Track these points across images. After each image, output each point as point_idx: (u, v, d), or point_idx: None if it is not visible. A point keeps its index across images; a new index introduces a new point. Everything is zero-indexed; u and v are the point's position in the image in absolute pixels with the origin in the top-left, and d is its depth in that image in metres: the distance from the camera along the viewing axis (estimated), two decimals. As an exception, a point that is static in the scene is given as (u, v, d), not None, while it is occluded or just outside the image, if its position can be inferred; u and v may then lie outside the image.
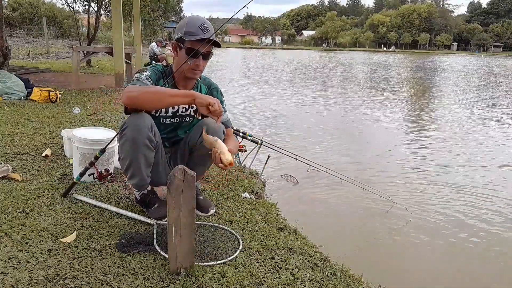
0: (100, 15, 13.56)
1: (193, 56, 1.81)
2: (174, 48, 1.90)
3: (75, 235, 1.80)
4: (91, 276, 1.52)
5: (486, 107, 9.60)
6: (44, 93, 5.30)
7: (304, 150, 4.90)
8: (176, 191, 1.44)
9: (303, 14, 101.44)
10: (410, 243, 2.80)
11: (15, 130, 3.65)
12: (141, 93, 1.66)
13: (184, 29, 1.82)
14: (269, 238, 1.99)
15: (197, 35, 1.79)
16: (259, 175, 3.08)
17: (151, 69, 1.89)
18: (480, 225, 3.09)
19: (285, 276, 1.66)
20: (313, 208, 3.27)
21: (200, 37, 1.79)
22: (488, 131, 6.74)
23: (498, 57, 59.60)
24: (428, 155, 5.13)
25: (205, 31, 1.81)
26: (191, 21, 1.83)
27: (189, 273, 1.56)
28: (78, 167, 2.43)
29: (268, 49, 57.70)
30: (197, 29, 1.80)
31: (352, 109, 8.78)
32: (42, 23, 19.43)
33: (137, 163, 1.85)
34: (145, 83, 1.78)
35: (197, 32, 1.80)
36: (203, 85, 2.07)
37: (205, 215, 2.16)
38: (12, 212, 1.98)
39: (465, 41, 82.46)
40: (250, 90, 11.33)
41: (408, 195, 3.63)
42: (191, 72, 1.87)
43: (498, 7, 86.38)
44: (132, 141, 1.78)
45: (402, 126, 7.10)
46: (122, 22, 7.50)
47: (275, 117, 7.21)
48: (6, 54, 7.88)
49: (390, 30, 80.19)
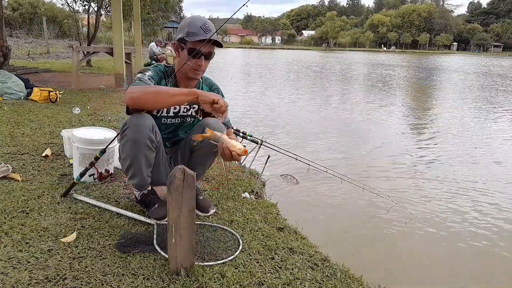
0: (100, 15, 13.56)
1: (195, 56, 1.81)
2: (176, 49, 1.90)
3: (75, 235, 1.80)
4: (91, 276, 1.52)
5: (484, 105, 9.60)
6: (44, 93, 5.30)
7: (304, 150, 4.90)
8: (176, 191, 1.44)
9: (303, 14, 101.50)
10: (410, 243, 2.80)
11: (15, 130, 3.65)
12: (143, 94, 1.66)
13: (186, 29, 1.82)
14: (269, 238, 1.99)
15: (199, 36, 1.80)
16: (259, 175, 3.08)
17: (153, 69, 1.88)
18: (481, 225, 3.09)
19: (285, 276, 1.66)
20: (313, 208, 3.27)
21: (202, 38, 1.79)
22: (489, 129, 6.74)
23: (498, 57, 59.58)
24: (428, 154, 5.13)
25: (207, 31, 1.81)
26: (193, 22, 1.83)
27: (189, 273, 1.56)
28: (78, 167, 2.43)
29: (268, 49, 57.69)
30: (199, 30, 1.81)
31: (352, 108, 8.77)
32: (42, 23, 19.44)
33: (138, 163, 1.85)
34: (147, 84, 1.77)
35: (199, 33, 1.80)
36: (204, 85, 2.07)
37: (205, 215, 2.16)
38: (12, 212, 1.99)
39: (465, 41, 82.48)
40: (250, 90, 11.33)
41: (408, 195, 3.63)
42: (193, 72, 1.87)
43: (498, 7, 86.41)
44: (133, 141, 1.78)
45: (402, 126, 7.10)
46: (122, 22, 7.50)
47: (275, 117, 7.21)
48: (6, 54, 7.88)
49: (390, 30, 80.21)
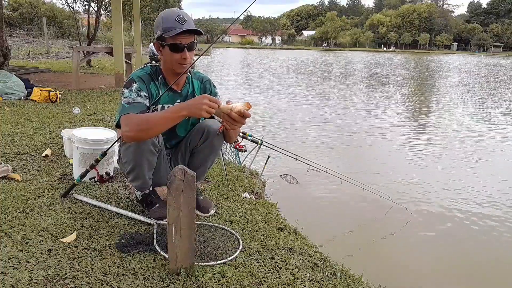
0: (100, 15, 13.56)
1: (178, 50, 1.77)
2: (157, 48, 1.86)
3: (75, 235, 1.80)
4: (91, 276, 1.52)
5: (482, 104, 9.60)
6: (44, 93, 5.30)
7: (304, 150, 4.90)
8: (176, 191, 1.44)
9: (303, 14, 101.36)
10: (410, 243, 2.80)
11: (15, 130, 3.65)
12: (138, 132, 1.66)
13: (162, 26, 1.77)
14: (269, 238, 1.99)
15: (176, 29, 1.74)
16: (259, 175, 3.08)
17: (138, 78, 1.82)
18: (482, 224, 3.09)
19: (285, 276, 1.66)
20: (313, 208, 3.27)
21: (180, 30, 1.74)
22: (489, 129, 6.74)
23: (498, 57, 59.58)
24: (428, 154, 5.13)
25: (183, 22, 1.76)
26: (166, 16, 1.78)
27: (189, 273, 1.56)
28: (78, 167, 2.43)
29: (268, 49, 57.68)
30: (174, 23, 1.75)
31: (352, 108, 8.77)
32: (42, 23, 19.40)
33: (141, 167, 1.86)
34: (138, 105, 1.73)
35: (175, 26, 1.75)
36: (195, 80, 2.03)
37: (205, 215, 2.16)
38: (12, 212, 1.98)
39: (465, 41, 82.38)
40: (250, 90, 11.33)
41: (408, 195, 3.63)
42: (180, 67, 1.83)
43: (498, 7, 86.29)
44: (136, 146, 1.78)
45: (402, 125, 7.10)
46: (122, 22, 7.50)
47: (275, 117, 7.21)
48: (6, 54, 7.89)
49: (390, 30, 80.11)
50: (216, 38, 2.47)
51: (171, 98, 1.93)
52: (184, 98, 1.96)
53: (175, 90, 1.94)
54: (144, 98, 1.78)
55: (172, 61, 1.81)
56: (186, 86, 1.98)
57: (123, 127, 1.68)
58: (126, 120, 1.68)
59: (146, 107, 1.78)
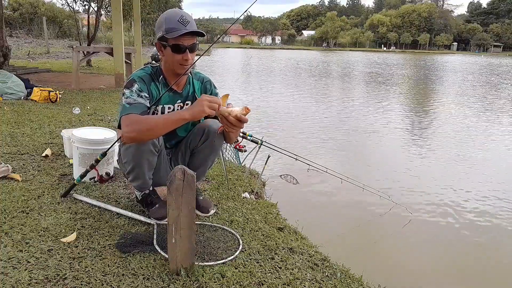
0: (100, 15, 13.55)
1: (179, 51, 1.77)
2: (159, 49, 1.85)
3: (75, 235, 1.80)
4: (91, 276, 1.52)
5: (481, 103, 9.60)
6: (44, 93, 5.30)
7: (304, 150, 4.90)
8: (176, 191, 1.44)
9: (303, 14, 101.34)
10: (410, 243, 2.80)
11: (15, 130, 3.65)
12: (139, 133, 1.66)
13: (164, 26, 1.77)
14: (269, 238, 1.99)
15: (179, 30, 1.74)
16: (259, 175, 3.08)
17: (139, 78, 1.82)
18: (482, 224, 3.09)
19: (285, 276, 1.66)
20: (313, 208, 3.27)
21: (183, 31, 1.74)
22: (490, 129, 6.74)
23: (498, 57, 59.58)
24: (429, 155, 5.13)
25: (186, 23, 1.75)
26: (169, 17, 1.78)
27: (189, 273, 1.56)
28: (78, 167, 2.43)
29: (268, 49, 57.68)
30: (177, 24, 1.75)
31: (352, 108, 8.77)
32: (42, 23, 19.40)
33: (141, 167, 1.86)
34: (139, 105, 1.73)
35: (178, 27, 1.74)
36: (196, 80, 2.03)
37: (205, 215, 2.16)
38: (12, 212, 1.98)
39: (465, 41, 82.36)
40: (250, 90, 11.33)
41: (408, 195, 3.63)
42: (180, 68, 1.83)
43: (498, 7, 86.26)
44: (137, 146, 1.78)
45: (402, 125, 7.10)
46: (122, 22, 7.50)
47: (275, 117, 7.21)
48: (6, 54, 7.89)
49: (390, 30, 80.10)
50: (217, 38, 2.48)
51: (172, 98, 1.93)
52: (185, 98, 1.97)
53: (176, 90, 1.94)
54: (145, 99, 1.78)
55: (173, 61, 1.81)
56: (186, 87, 1.98)
57: (124, 127, 1.68)
58: (127, 120, 1.69)
59: (147, 108, 1.78)
